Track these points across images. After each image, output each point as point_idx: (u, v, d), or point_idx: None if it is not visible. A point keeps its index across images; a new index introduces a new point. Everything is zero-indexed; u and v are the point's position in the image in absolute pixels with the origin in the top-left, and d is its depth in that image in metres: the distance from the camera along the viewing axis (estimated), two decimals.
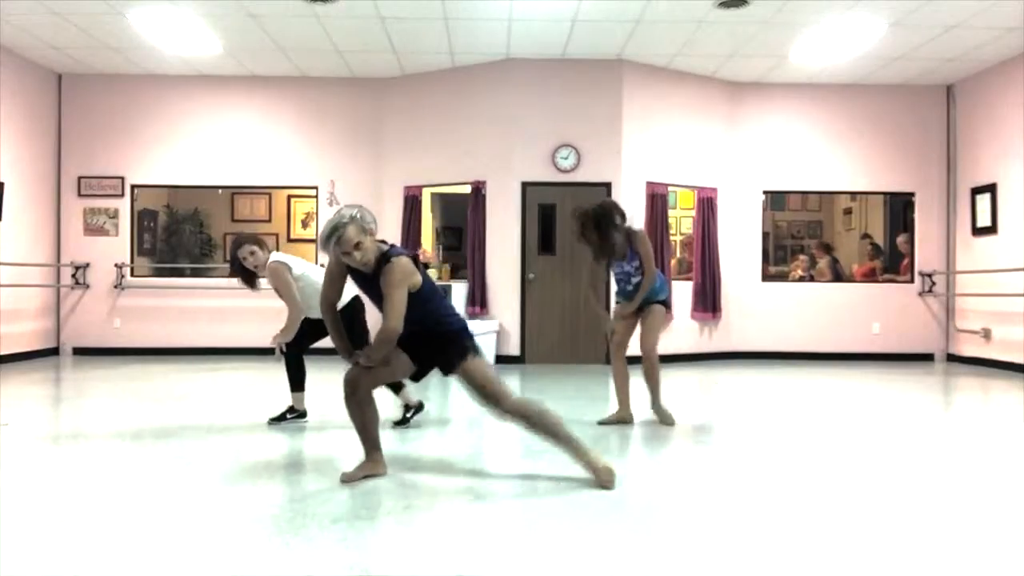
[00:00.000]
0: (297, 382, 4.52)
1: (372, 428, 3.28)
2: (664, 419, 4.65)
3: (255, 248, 4.38)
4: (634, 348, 4.60)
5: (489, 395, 3.22)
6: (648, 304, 4.64)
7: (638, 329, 4.71)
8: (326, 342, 4.54)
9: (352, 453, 3.79)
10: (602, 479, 3.13)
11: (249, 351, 8.61)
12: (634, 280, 4.58)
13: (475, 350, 3.26)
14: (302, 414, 4.56)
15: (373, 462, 3.29)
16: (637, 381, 4.75)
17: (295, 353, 4.48)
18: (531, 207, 8.16)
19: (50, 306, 8.67)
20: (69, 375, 7.05)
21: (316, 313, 4.37)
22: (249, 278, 4.46)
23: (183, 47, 7.68)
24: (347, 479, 3.20)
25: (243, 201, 11.05)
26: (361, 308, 4.42)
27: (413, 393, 4.62)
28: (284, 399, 4.75)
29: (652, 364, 4.62)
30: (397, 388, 4.48)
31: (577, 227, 4.53)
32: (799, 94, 8.84)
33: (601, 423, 4.62)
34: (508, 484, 3.23)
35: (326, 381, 6.36)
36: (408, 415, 4.49)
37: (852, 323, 8.84)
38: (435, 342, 3.24)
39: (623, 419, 4.66)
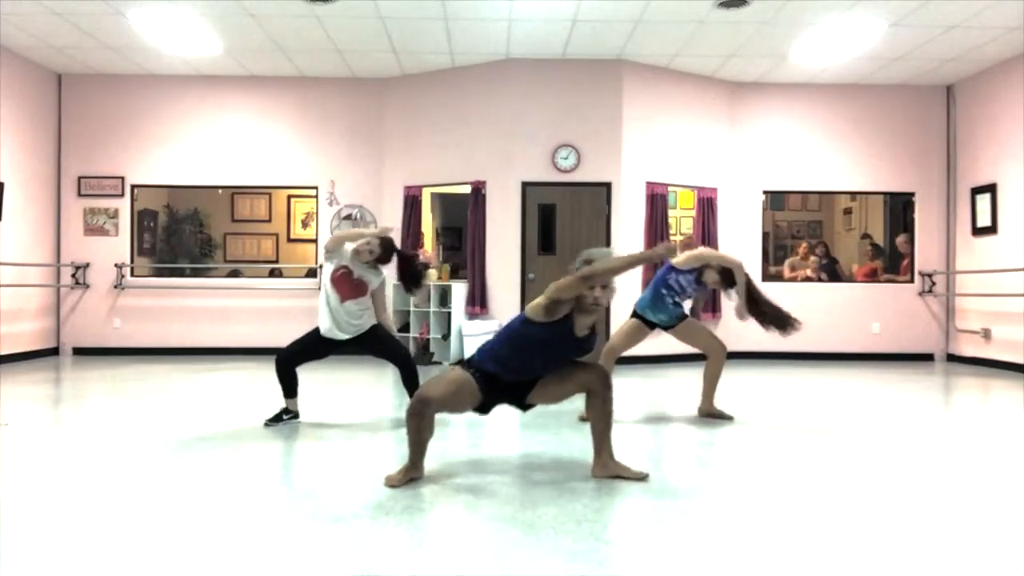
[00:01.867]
0: (289, 390, 4.55)
1: (426, 442, 3.28)
2: (724, 415, 4.88)
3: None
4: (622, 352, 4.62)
5: (594, 369, 3.32)
6: (681, 319, 4.87)
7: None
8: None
9: (351, 453, 3.79)
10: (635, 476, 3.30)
11: (249, 351, 8.62)
12: (680, 299, 4.77)
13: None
14: (296, 415, 4.58)
15: (415, 467, 3.27)
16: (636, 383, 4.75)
17: (288, 368, 4.53)
18: (531, 207, 8.15)
19: (50, 306, 8.67)
20: (69, 375, 7.05)
21: (332, 331, 4.45)
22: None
23: (183, 47, 7.68)
24: (394, 483, 3.16)
25: (243, 201, 11.06)
26: (381, 330, 4.59)
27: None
28: (282, 399, 4.74)
29: (723, 361, 4.89)
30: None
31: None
32: (799, 94, 8.84)
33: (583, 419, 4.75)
34: (508, 484, 3.23)
35: (328, 382, 6.36)
36: None
37: (852, 323, 8.84)
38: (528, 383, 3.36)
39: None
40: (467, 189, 8.34)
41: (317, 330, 4.54)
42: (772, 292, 8.75)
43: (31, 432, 4.25)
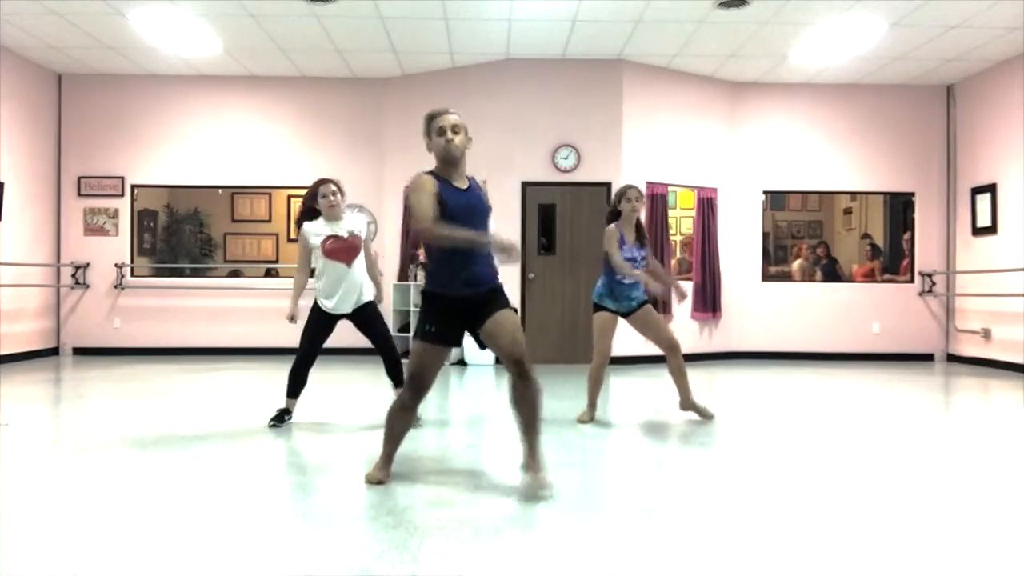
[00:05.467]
0: (295, 391, 4.53)
1: (404, 437, 3.32)
2: (705, 413, 4.78)
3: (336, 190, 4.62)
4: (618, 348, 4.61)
5: (520, 346, 3.07)
6: (641, 305, 4.74)
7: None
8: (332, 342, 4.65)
9: (350, 453, 3.79)
10: (536, 483, 3.03)
11: (249, 351, 8.62)
12: (636, 269, 4.69)
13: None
14: (290, 415, 4.58)
15: (391, 460, 3.29)
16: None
17: (307, 368, 4.50)
18: (531, 207, 8.16)
19: (50, 306, 8.67)
20: (69, 375, 7.05)
21: (340, 305, 4.46)
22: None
23: (183, 47, 7.68)
24: (375, 480, 3.18)
25: (243, 201, 11.04)
26: (375, 308, 4.58)
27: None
28: (282, 399, 4.74)
29: (681, 355, 4.74)
30: (399, 382, 4.59)
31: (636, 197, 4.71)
32: (799, 94, 8.84)
33: (581, 421, 4.74)
34: (507, 483, 3.23)
35: (329, 382, 6.36)
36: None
37: (852, 323, 8.84)
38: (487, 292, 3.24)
39: (593, 419, 4.80)
40: None
41: (313, 316, 4.51)
42: (773, 292, 8.88)
43: (31, 432, 4.26)
